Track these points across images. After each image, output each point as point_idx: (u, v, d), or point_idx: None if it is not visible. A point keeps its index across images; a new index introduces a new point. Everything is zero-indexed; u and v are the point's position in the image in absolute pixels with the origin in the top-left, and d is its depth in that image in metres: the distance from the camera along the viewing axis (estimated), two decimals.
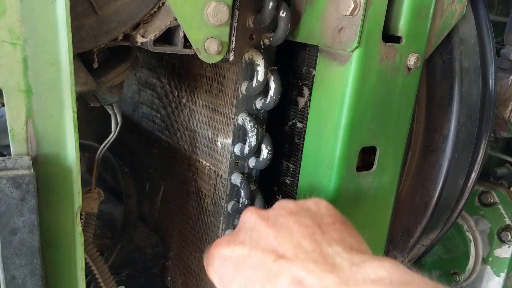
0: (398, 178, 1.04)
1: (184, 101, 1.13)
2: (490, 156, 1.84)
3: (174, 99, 1.17)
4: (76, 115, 0.65)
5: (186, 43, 0.76)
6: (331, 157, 0.94)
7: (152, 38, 0.73)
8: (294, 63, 1.06)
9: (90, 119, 1.64)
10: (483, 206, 1.65)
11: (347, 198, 0.96)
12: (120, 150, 1.44)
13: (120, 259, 1.16)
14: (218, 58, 0.78)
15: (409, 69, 0.94)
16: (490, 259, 1.64)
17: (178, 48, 0.76)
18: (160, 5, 0.75)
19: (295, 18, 0.96)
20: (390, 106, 0.95)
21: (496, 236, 1.62)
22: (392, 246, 1.26)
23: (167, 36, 0.78)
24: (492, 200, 1.64)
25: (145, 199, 1.34)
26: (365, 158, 1.03)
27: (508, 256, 1.62)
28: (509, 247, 1.61)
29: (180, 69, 1.13)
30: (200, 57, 0.76)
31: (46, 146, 0.64)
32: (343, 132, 0.91)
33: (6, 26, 0.59)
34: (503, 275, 1.63)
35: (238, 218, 1.05)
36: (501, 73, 1.54)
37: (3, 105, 0.64)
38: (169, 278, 1.26)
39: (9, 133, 0.62)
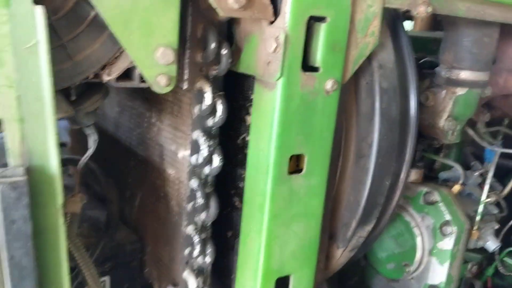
0: (327, 180, 1.27)
1: (153, 121, 1.37)
2: (436, 161, 2.07)
3: (146, 119, 1.41)
4: (57, 136, 0.88)
5: (142, 78, 1.00)
6: (267, 164, 1.17)
7: (114, 76, 0.97)
8: (242, 88, 1.29)
9: (80, 138, 1.88)
10: (427, 204, 1.87)
11: (282, 197, 1.19)
12: (105, 163, 1.67)
13: (104, 254, 1.39)
14: (167, 89, 1.01)
15: (328, 92, 1.18)
16: (435, 251, 1.86)
17: (136, 83, 1.00)
18: (121, 51, 0.99)
19: (237, 53, 1.20)
20: (313, 122, 1.18)
21: (438, 231, 1.84)
22: (334, 239, 1.49)
23: (128, 73, 1.02)
24: (434, 199, 1.86)
25: (126, 204, 1.57)
26: (300, 164, 1.26)
27: (449, 248, 1.83)
28: (449, 239, 1.83)
29: (149, 95, 1.37)
30: (152, 89, 1.00)
31: (35, 159, 0.88)
32: (275, 144, 1.15)
33: (4, 74, 0.83)
34: (446, 264, 1.84)
35: (198, 216, 1.27)
36: (436, 88, 1.78)
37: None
38: (146, 270, 1.49)
39: (8, 151, 0.86)
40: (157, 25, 0.97)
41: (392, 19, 1.41)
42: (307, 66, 1.15)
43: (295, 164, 1.24)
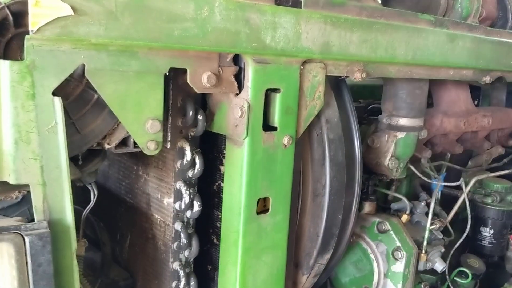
0: (289, 217, 1.53)
1: (140, 173, 1.62)
2: (386, 194, 2.37)
3: (134, 172, 1.66)
4: (71, 196, 1.12)
5: (135, 144, 1.26)
6: (239, 206, 1.43)
7: (114, 145, 1.22)
8: (216, 142, 1.56)
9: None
10: (380, 233, 2.15)
11: (252, 233, 1.45)
12: (97, 210, 1.89)
13: None
14: (156, 152, 1.27)
15: (285, 146, 1.46)
16: (389, 273, 2.13)
17: (130, 148, 1.25)
18: (118, 123, 1.25)
19: (210, 116, 1.48)
20: (275, 170, 1.46)
21: (391, 255, 2.12)
22: (298, 267, 1.74)
23: (124, 141, 1.27)
24: (386, 228, 2.14)
25: (117, 246, 1.79)
26: (267, 205, 1.52)
27: (401, 270, 2.10)
28: (401, 263, 2.10)
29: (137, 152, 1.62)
30: (144, 152, 1.25)
31: (54, 214, 1.11)
32: (244, 189, 1.41)
33: (31, 149, 1.08)
34: (399, 285, 2.11)
35: (182, 253, 1.51)
36: (380, 132, 2.09)
37: (27, 192, 1.12)
38: None
39: (34, 209, 1.10)
40: (146, 103, 1.23)
41: (336, 82, 1.72)
42: (267, 126, 1.43)
43: (262, 205, 1.51)
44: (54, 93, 1.09)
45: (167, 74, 1.25)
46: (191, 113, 1.39)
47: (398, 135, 2.04)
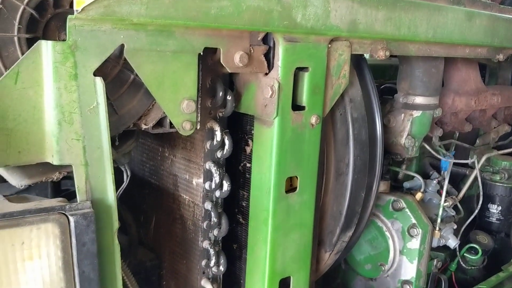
0: (315, 196, 1.55)
1: (167, 155, 1.63)
2: (400, 172, 2.40)
3: (159, 153, 1.66)
4: (113, 176, 1.13)
5: (171, 125, 1.26)
6: (268, 185, 1.45)
7: (151, 125, 1.23)
8: (241, 123, 1.57)
9: None
10: (395, 211, 2.19)
11: (281, 211, 1.47)
12: (120, 194, 1.90)
13: (129, 270, 1.61)
14: (190, 132, 1.27)
15: (312, 125, 1.47)
16: (405, 250, 2.17)
17: (167, 129, 1.26)
18: (154, 103, 1.25)
19: (239, 96, 1.49)
20: (302, 150, 1.47)
21: (406, 233, 2.16)
22: (322, 244, 1.77)
23: (160, 121, 1.28)
24: (401, 206, 2.18)
25: (141, 228, 1.81)
26: (293, 184, 1.54)
27: (417, 247, 2.15)
28: (416, 240, 2.14)
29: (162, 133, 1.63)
30: (180, 133, 1.26)
31: (96, 194, 1.12)
32: (274, 169, 1.43)
33: (74, 130, 1.08)
34: (415, 262, 2.16)
35: (212, 232, 1.53)
36: (396, 111, 2.11)
37: (67, 173, 1.12)
38: (164, 283, 1.72)
39: (76, 189, 1.10)
40: (182, 83, 1.23)
41: (358, 61, 1.73)
42: (296, 106, 1.44)
43: (289, 184, 1.52)
44: (95, 74, 1.09)
45: (201, 54, 1.25)
46: (220, 93, 1.39)
47: (414, 113, 2.06)
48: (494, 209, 2.74)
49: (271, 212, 1.45)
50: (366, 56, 1.81)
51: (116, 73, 1.18)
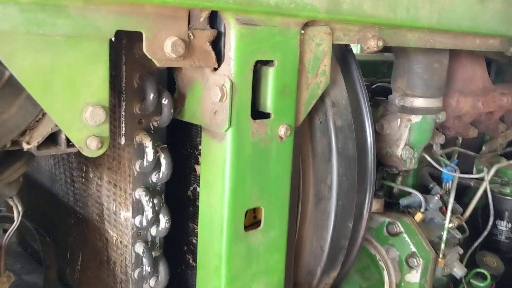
0: (287, 231, 1.17)
1: (91, 176, 1.23)
2: (398, 188, 2.02)
3: (83, 174, 1.27)
4: None
5: (69, 142, 0.87)
6: (221, 221, 1.06)
7: (36, 144, 0.84)
8: (189, 134, 1.19)
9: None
10: (391, 235, 1.81)
11: (239, 256, 1.08)
12: (43, 220, 1.51)
13: None
14: (100, 152, 0.89)
15: (281, 138, 1.09)
16: (402, 284, 1.80)
17: (62, 148, 0.87)
18: (43, 113, 0.86)
19: (181, 100, 1.10)
20: (268, 171, 1.09)
21: (404, 263, 1.78)
22: None
23: (54, 137, 0.89)
24: (397, 230, 1.80)
25: (67, 267, 1.41)
26: (257, 216, 1.16)
27: (417, 280, 1.78)
28: (416, 272, 1.77)
29: None
30: (83, 153, 0.87)
31: None
32: (228, 199, 1.04)
33: None
34: None
35: (147, 283, 1.14)
36: (390, 116, 1.74)
37: None
38: None
39: None
40: (83, 82, 0.85)
41: (343, 54, 1.34)
42: (257, 113, 1.06)
43: (252, 217, 1.14)
44: None
45: (114, 39, 0.86)
46: (152, 96, 1.00)
47: (412, 118, 1.69)
48: (503, 226, 2.37)
49: (224, 258, 1.06)
50: (354, 48, 1.44)
51: None
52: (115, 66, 1.01)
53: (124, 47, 0.99)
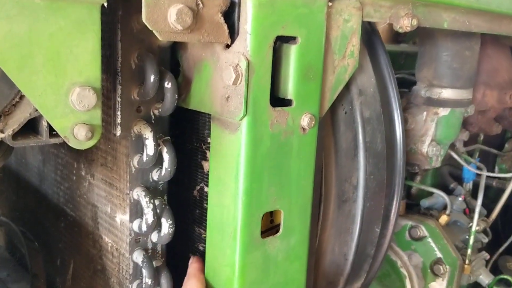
0: (308, 237, 1.01)
1: (83, 174, 1.08)
2: (417, 188, 1.86)
3: (74, 171, 1.11)
4: None
5: (53, 131, 0.72)
6: (234, 226, 0.91)
7: (10, 133, 0.68)
8: (196, 126, 1.03)
9: (4, 189, 1.55)
10: (414, 240, 1.66)
11: (255, 266, 0.93)
12: (31, 222, 1.35)
13: None
14: (90, 144, 0.73)
15: (304, 129, 0.93)
16: None
17: (43, 139, 0.71)
18: (21, 95, 0.70)
19: (186, 85, 0.94)
20: (288, 168, 0.93)
21: (429, 270, 1.63)
22: None
23: (33, 125, 0.73)
24: (421, 234, 1.65)
25: (57, 275, 1.26)
26: (275, 220, 1.00)
27: None
28: (442, 280, 1.62)
29: None
30: (70, 144, 0.72)
31: None
32: (242, 201, 0.88)
33: None
34: None
35: None
36: (415, 109, 1.58)
37: None
38: None
39: None
40: (69, 58, 0.69)
41: (369, 36, 1.19)
42: (277, 100, 0.90)
43: (269, 222, 0.98)
44: None
45: (106, 5, 0.70)
46: (152, 78, 0.85)
47: (440, 112, 1.53)
48: None
49: (238, 267, 0.91)
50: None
51: None
52: (109, 43, 0.85)
53: (120, 20, 0.83)
